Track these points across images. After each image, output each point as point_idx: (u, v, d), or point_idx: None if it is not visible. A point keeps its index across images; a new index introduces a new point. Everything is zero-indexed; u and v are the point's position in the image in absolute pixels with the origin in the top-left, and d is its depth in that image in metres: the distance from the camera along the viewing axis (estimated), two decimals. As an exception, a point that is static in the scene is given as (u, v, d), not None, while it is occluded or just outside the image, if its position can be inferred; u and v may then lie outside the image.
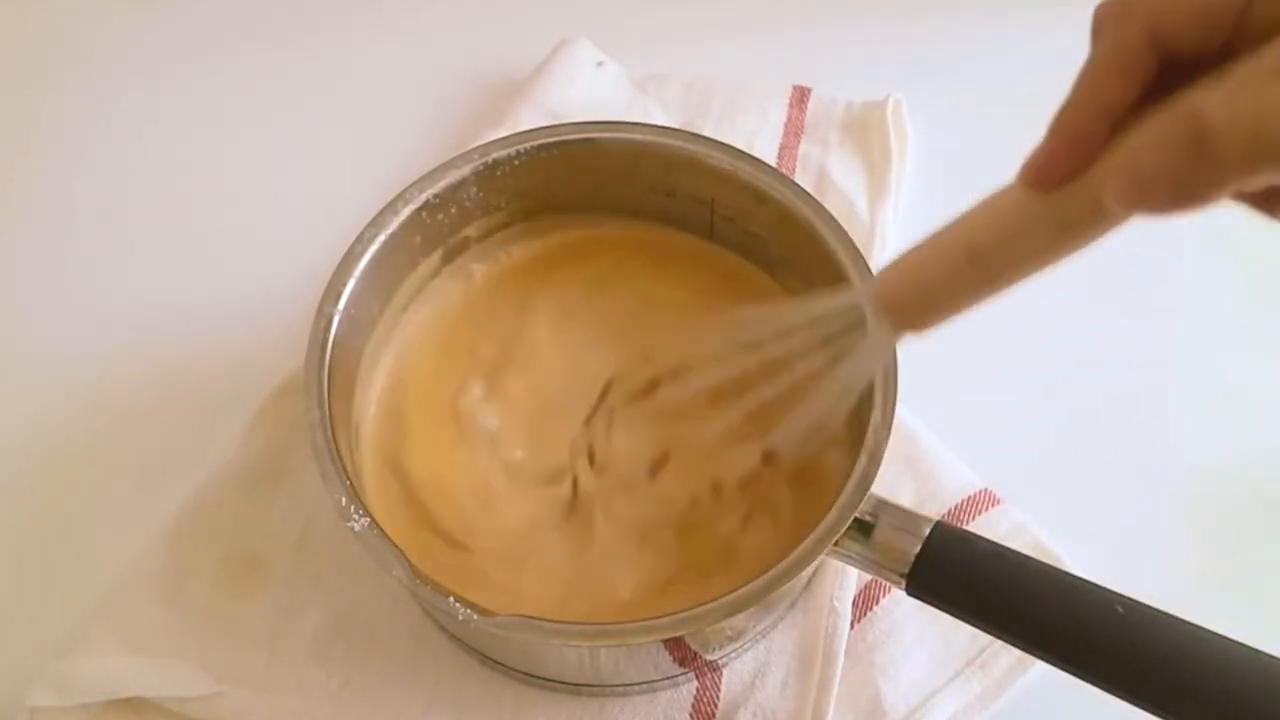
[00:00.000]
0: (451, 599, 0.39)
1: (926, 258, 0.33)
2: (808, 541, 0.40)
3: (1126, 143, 0.27)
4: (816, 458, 0.48)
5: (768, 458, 0.47)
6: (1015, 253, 0.30)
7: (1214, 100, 0.24)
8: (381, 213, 0.48)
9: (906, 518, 0.41)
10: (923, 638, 0.48)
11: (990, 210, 0.31)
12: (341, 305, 0.45)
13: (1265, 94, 0.24)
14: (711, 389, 0.46)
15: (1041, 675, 0.46)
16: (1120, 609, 0.38)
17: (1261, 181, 0.25)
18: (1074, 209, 0.29)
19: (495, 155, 0.49)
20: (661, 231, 0.53)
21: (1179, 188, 0.25)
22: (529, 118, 0.61)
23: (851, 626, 0.48)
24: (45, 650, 0.46)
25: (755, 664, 0.48)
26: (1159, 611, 0.38)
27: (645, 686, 0.47)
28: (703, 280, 0.53)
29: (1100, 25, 0.27)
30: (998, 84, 0.65)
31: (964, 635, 0.47)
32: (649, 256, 0.53)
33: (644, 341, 0.50)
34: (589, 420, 0.49)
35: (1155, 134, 0.26)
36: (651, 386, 0.49)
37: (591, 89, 0.63)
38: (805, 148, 0.62)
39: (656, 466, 0.48)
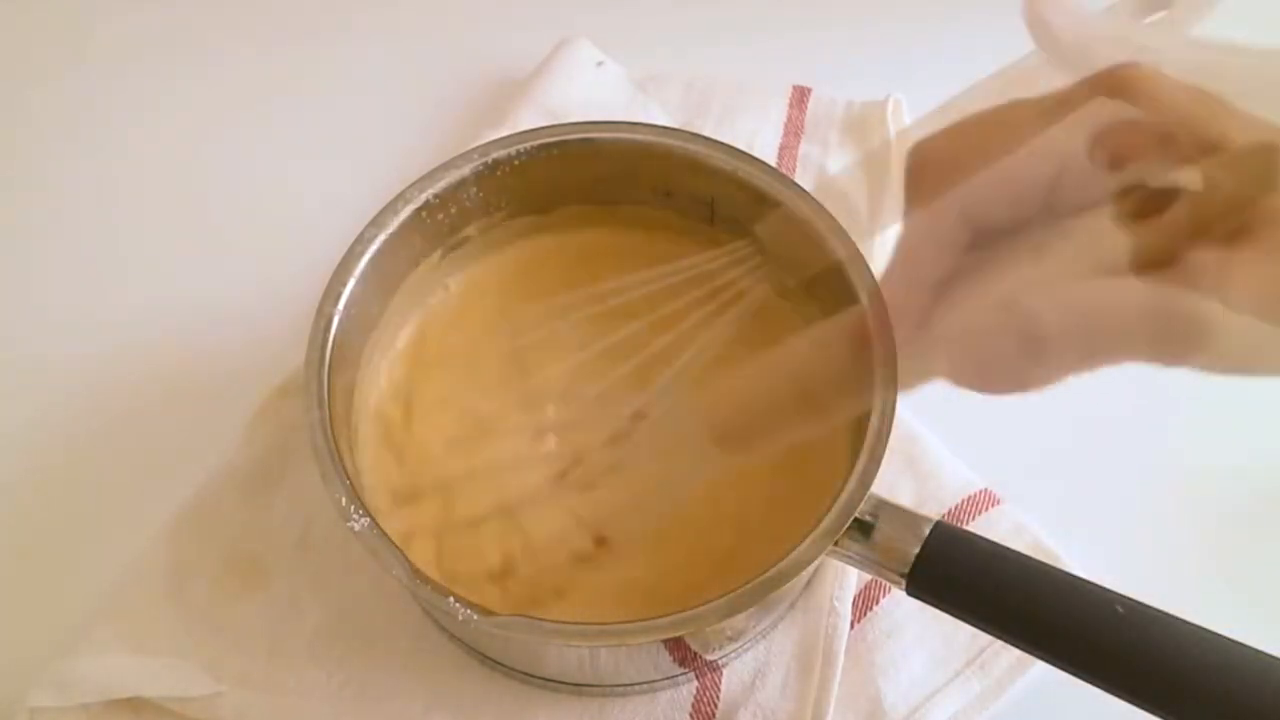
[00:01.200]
0: (451, 599, 0.39)
1: (750, 386, 0.34)
2: (808, 541, 0.40)
3: (952, 317, 0.27)
4: (817, 457, 0.48)
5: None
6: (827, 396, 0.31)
7: (1041, 300, 0.25)
8: (381, 213, 0.48)
9: (906, 518, 0.41)
10: (923, 638, 0.48)
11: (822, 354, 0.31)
12: (341, 305, 0.45)
13: (1087, 293, 0.24)
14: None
15: (1041, 675, 0.46)
16: (1120, 609, 0.38)
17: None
18: (906, 373, 0.29)
19: (495, 155, 0.49)
20: (661, 231, 0.53)
21: (1015, 377, 0.26)
22: (529, 118, 0.61)
23: (851, 626, 0.48)
24: (45, 650, 0.46)
25: (755, 664, 0.48)
26: (1159, 611, 0.38)
27: (645, 686, 0.47)
28: (703, 280, 0.53)
29: (913, 178, 0.28)
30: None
31: (964, 635, 0.47)
32: (649, 256, 0.53)
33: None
34: (588, 418, 0.49)
35: (989, 324, 0.26)
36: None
37: (591, 89, 0.63)
38: (805, 148, 0.62)
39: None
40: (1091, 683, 0.38)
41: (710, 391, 0.34)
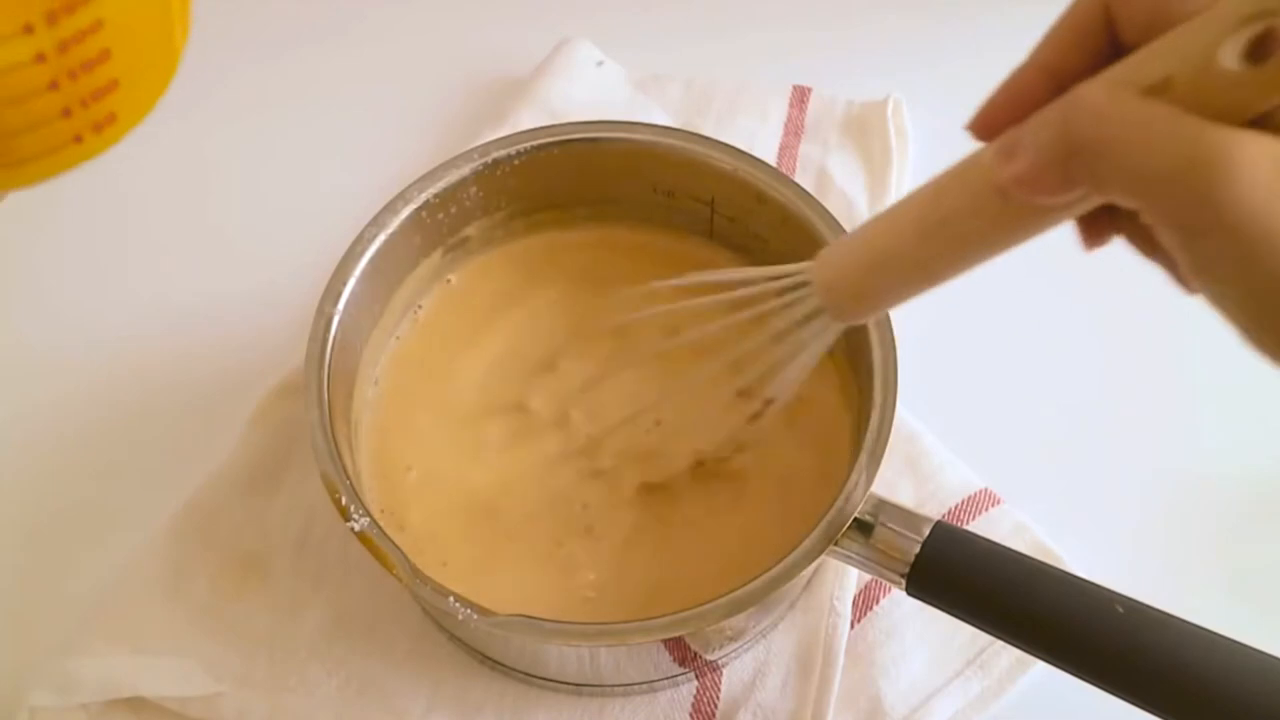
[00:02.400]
0: (451, 599, 0.39)
1: (872, 235, 0.32)
2: (808, 541, 0.40)
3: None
4: (818, 457, 0.48)
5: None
6: (963, 228, 0.30)
7: (1092, 90, 0.24)
8: (381, 213, 0.48)
9: (906, 518, 0.41)
10: (923, 638, 0.48)
11: (939, 185, 0.30)
12: (341, 305, 0.46)
13: (1134, 105, 0.23)
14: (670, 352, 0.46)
15: (1041, 675, 0.46)
16: (1120, 609, 0.38)
17: (1110, 193, 0.24)
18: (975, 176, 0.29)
19: (495, 155, 0.49)
20: (662, 231, 0.53)
21: (1039, 170, 0.25)
22: (529, 118, 0.61)
23: (851, 626, 0.48)
24: (45, 650, 0.46)
25: (755, 664, 0.48)
26: (1159, 611, 0.38)
27: (645, 686, 0.47)
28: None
29: None
30: (998, 84, 0.65)
31: (964, 635, 0.47)
32: (649, 256, 0.53)
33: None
34: (589, 417, 0.49)
35: (1043, 111, 0.26)
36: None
37: (591, 89, 0.63)
38: (805, 148, 0.62)
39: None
40: (1091, 683, 0.38)
41: (829, 250, 0.34)
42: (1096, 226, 0.29)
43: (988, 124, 0.28)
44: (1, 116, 0.27)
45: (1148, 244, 0.28)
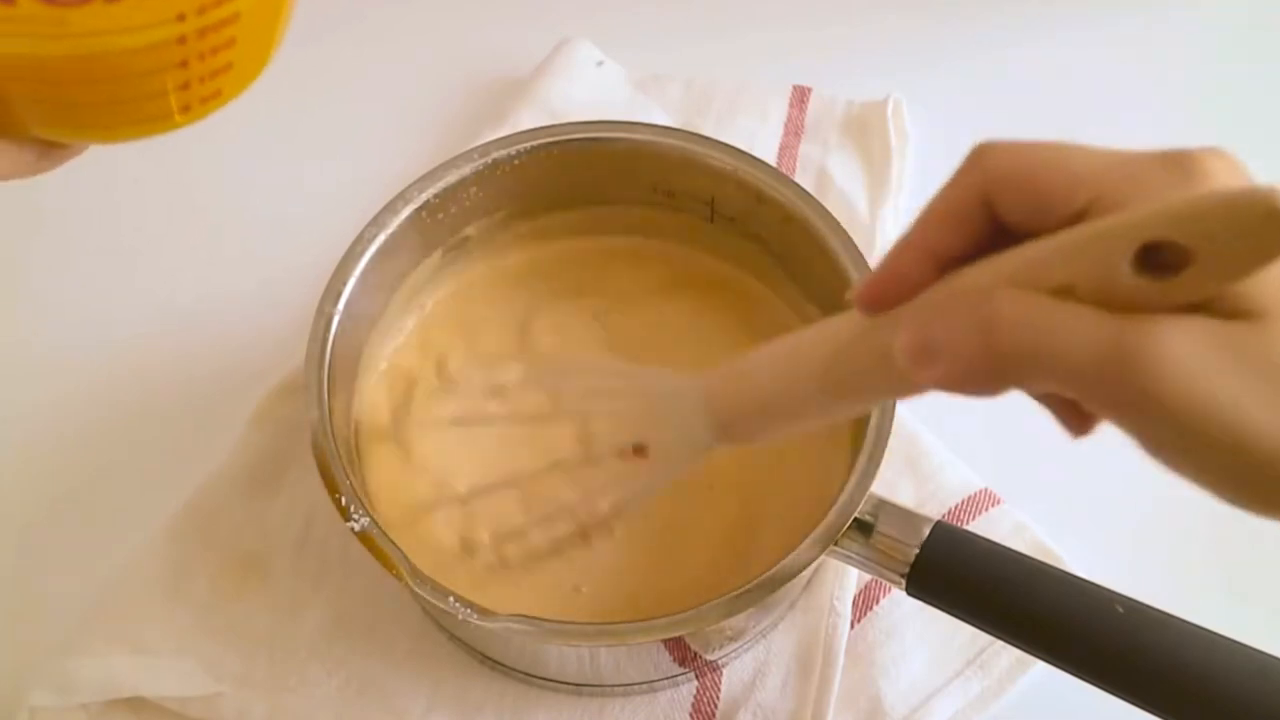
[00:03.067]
0: (451, 599, 0.39)
1: (768, 378, 0.32)
2: (808, 541, 0.40)
3: (929, 299, 0.27)
4: (817, 457, 0.48)
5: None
6: (870, 385, 0.30)
7: (1013, 303, 0.24)
8: (381, 213, 0.48)
9: (906, 518, 0.41)
10: (923, 638, 0.48)
11: (840, 342, 0.30)
12: (341, 305, 0.45)
13: (1051, 310, 0.24)
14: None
15: (1041, 675, 0.46)
16: (1120, 609, 0.38)
17: (1042, 388, 0.25)
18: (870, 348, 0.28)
19: (495, 155, 0.49)
20: (662, 231, 0.53)
21: (964, 376, 0.25)
22: (529, 118, 0.61)
23: (851, 626, 0.48)
24: (45, 650, 0.46)
25: (755, 664, 0.48)
26: (1159, 611, 0.38)
27: (645, 686, 0.47)
28: (703, 280, 0.53)
29: (963, 163, 0.27)
30: (999, 84, 0.65)
31: (964, 635, 0.47)
32: (649, 256, 0.53)
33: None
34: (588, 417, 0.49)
35: (958, 305, 0.26)
36: None
37: (591, 89, 0.63)
38: (805, 148, 0.62)
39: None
40: (1091, 683, 0.38)
41: (713, 378, 0.34)
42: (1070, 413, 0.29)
43: (874, 300, 0.28)
44: (130, 85, 0.29)
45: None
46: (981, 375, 0.25)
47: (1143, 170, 0.25)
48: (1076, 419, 0.29)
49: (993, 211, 0.27)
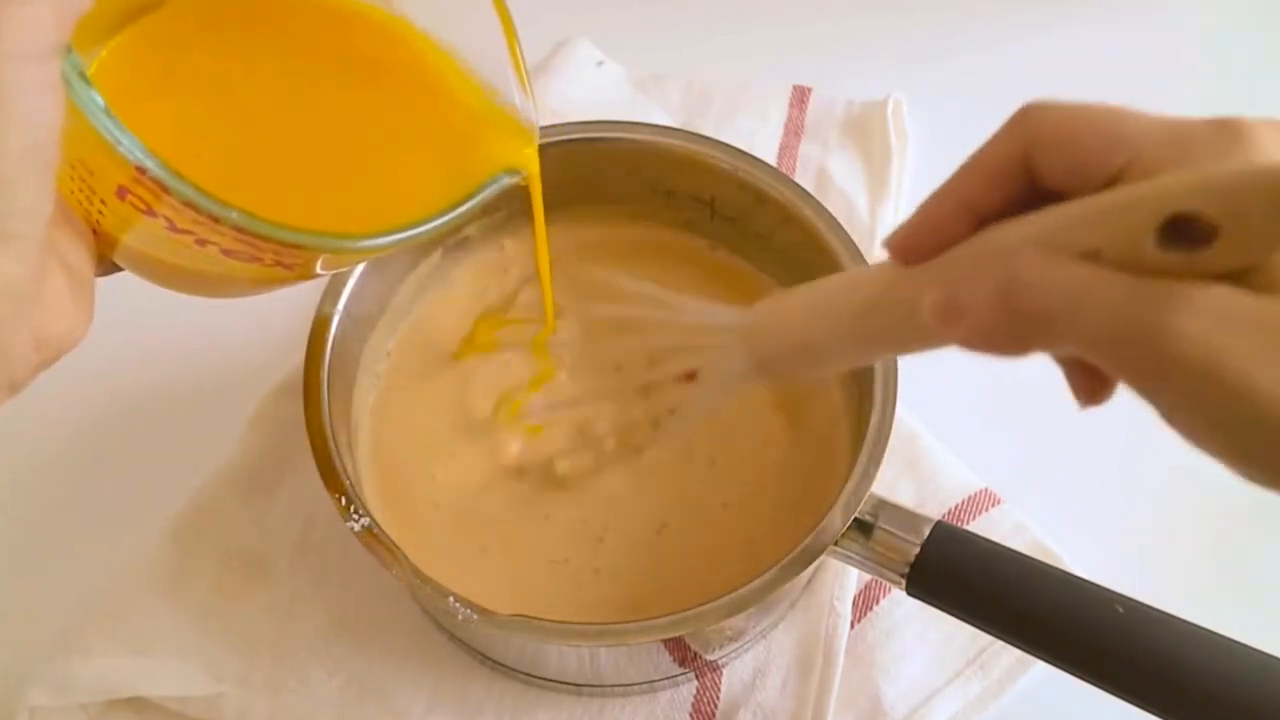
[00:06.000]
0: (451, 599, 0.39)
1: (806, 319, 0.32)
2: (808, 541, 0.40)
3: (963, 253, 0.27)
4: (817, 457, 0.48)
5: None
6: (902, 338, 0.30)
7: (1038, 262, 0.24)
8: (382, 213, 0.47)
9: (906, 518, 0.41)
10: (923, 638, 0.48)
11: (875, 294, 0.30)
12: (341, 305, 0.46)
13: (1073, 274, 0.24)
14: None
15: (1041, 675, 0.46)
16: (1120, 609, 0.38)
17: (1064, 351, 0.25)
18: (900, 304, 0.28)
19: (495, 155, 0.49)
20: (662, 231, 0.53)
21: (987, 335, 0.26)
22: (529, 118, 0.61)
23: (851, 626, 0.48)
24: (45, 650, 0.46)
25: (755, 664, 0.48)
26: (1159, 611, 0.38)
27: (645, 686, 0.47)
28: (702, 281, 0.53)
29: (1009, 120, 0.27)
30: (998, 84, 0.64)
31: (964, 635, 0.47)
32: (648, 256, 0.53)
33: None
34: (588, 417, 0.49)
35: (983, 263, 0.26)
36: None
37: (591, 89, 0.63)
38: (805, 148, 0.62)
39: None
40: (1091, 683, 0.38)
41: (754, 313, 0.34)
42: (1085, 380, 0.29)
43: (907, 250, 0.29)
44: (223, 287, 0.36)
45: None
46: (1004, 336, 0.25)
47: (1189, 135, 0.24)
48: (1091, 388, 0.28)
49: (1032, 171, 0.26)
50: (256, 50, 0.36)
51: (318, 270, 0.35)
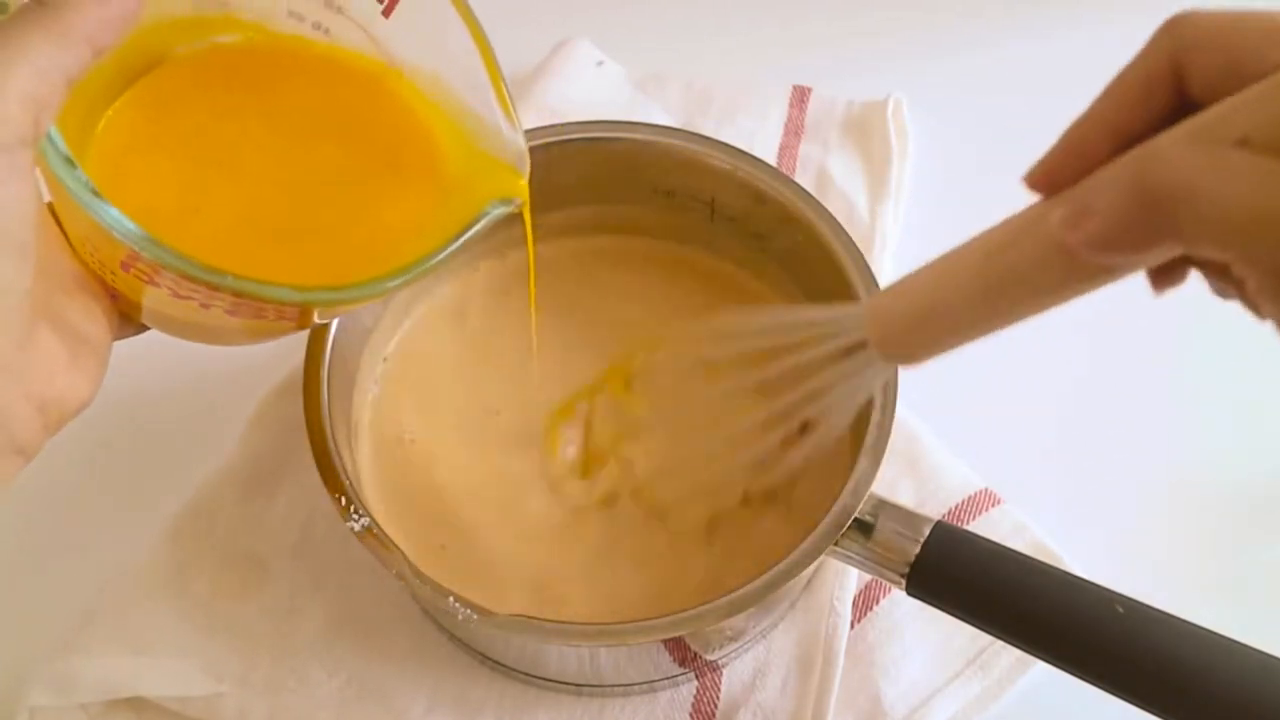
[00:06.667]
0: (451, 599, 0.39)
1: (928, 287, 0.31)
2: (807, 541, 0.40)
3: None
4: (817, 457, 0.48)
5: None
6: (1025, 286, 0.28)
7: (1168, 139, 0.24)
8: (382, 213, 0.47)
9: (906, 518, 0.41)
10: (923, 638, 0.48)
11: (997, 240, 0.29)
12: (341, 305, 0.45)
13: (1215, 151, 0.23)
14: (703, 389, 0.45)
15: (1041, 675, 0.46)
16: (1120, 609, 0.38)
17: (1194, 244, 0.24)
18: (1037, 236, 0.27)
19: (495, 155, 0.49)
20: (661, 231, 0.53)
21: (1116, 231, 0.25)
22: (529, 118, 0.60)
23: (851, 626, 0.48)
24: (45, 650, 0.46)
25: (755, 664, 0.48)
26: (1159, 611, 0.38)
27: (645, 686, 0.47)
28: (702, 281, 0.53)
29: (1154, 33, 0.26)
30: (999, 84, 0.65)
31: (964, 635, 0.47)
32: (649, 257, 0.53)
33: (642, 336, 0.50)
34: (588, 418, 0.49)
35: (1109, 169, 0.25)
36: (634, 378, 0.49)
37: (591, 89, 0.63)
38: (805, 148, 0.62)
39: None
40: (1091, 683, 0.38)
41: (876, 295, 0.33)
42: (1168, 269, 0.28)
43: (1047, 178, 0.27)
44: (236, 337, 0.38)
45: (1227, 282, 0.27)
46: (1137, 225, 0.24)
47: None
48: (1163, 273, 0.28)
49: (1181, 84, 0.26)
50: (247, 106, 0.37)
51: (316, 320, 0.38)
